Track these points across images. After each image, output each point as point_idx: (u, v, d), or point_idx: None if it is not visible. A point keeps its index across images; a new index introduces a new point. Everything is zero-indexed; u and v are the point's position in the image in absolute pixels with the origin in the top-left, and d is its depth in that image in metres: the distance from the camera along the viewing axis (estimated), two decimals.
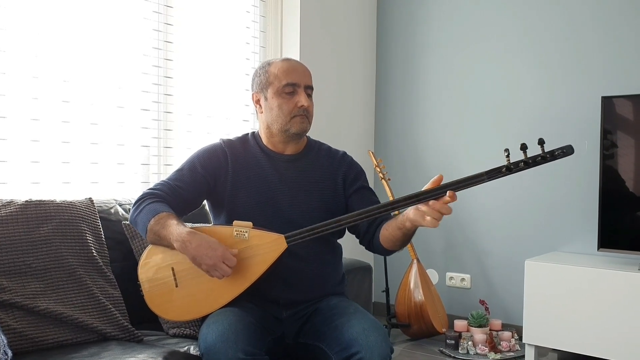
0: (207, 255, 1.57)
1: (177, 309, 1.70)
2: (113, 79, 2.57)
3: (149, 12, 2.71)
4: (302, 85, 1.79)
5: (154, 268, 1.71)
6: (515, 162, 1.56)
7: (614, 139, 2.84)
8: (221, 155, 1.83)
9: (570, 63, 3.21)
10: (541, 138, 1.54)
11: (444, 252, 3.65)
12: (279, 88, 1.78)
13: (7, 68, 2.23)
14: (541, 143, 1.53)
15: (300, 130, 1.80)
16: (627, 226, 2.82)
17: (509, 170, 1.56)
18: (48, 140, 2.36)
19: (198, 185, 1.79)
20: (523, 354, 2.97)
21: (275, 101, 1.79)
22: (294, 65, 1.82)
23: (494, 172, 1.56)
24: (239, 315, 1.61)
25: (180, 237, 1.60)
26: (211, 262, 1.57)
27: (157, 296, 1.71)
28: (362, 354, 1.54)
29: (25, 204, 1.87)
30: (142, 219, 1.68)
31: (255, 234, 1.66)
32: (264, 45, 3.34)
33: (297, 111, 1.78)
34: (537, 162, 1.55)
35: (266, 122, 1.84)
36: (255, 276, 1.65)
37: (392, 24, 3.87)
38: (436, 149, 3.68)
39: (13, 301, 1.70)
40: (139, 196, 1.75)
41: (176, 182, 1.78)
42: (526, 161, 1.56)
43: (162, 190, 1.75)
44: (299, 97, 1.78)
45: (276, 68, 1.81)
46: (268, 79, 1.81)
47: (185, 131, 2.90)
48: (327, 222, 1.64)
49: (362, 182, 1.91)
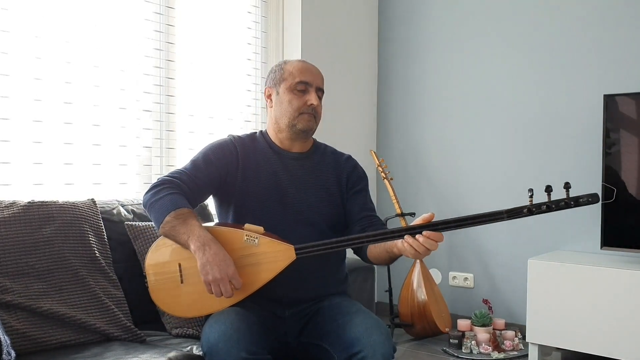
0: (220, 267, 1.57)
1: (179, 305, 1.70)
2: (115, 80, 2.58)
3: (150, 13, 2.71)
4: (314, 86, 1.85)
5: (161, 261, 1.72)
6: (538, 205, 1.53)
7: (616, 137, 2.84)
8: (232, 149, 1.86)
9: (572, 61, 3.21)
10: (567, 182, 1.52)
11: (447, 251, 3.65)
12: (292, 84, 1.83)
13: (9, 70, 2.23)
14: (567, 187, 1.51)
15: (306, 127, 1.84)
16: (630, 224, 2.82)
17: (530, 213, 1.54)
18: (50, 141, 2.36)
19: (212, 176, 1.81)
20: (527, 353, 2.96)
21: (286, 96, 1.84)
22: (309, 67, 1.88)
23: (514, 212, 1.54)
24: (241, 314, 1.61)
25: (201, 240, 1.60)
26: (219, 276, 1.57)
27: (161, 290, 1.71)
28: (365, 353, 1.54)
29: (28, 205, 1.87)
30: (160, 208, 1.66)
31: (265, 241, 1.65)
32: (266, 46, 3.34)
33: (305, 108, 1.83)
34: (560, 207, 1.53)
35: (275, 117, 1.88)
36: (261, 283, 1.65)
37: (393, 24, 3.87)
38: (438, 149, 3.68)
39: (16, 302, 1.70)
40: (157, 181, 1.75)
41: (194, 172, 1.79)
42: (549, 205, 1.53)
43: (182, 180, 1.75)
44: (309, 95, 1.83)
45: (292, 66, 1.87)
46: (282, 75, 1.86)
47: (187, 132, 2.90)
48: (339, 239, 1.66)
49: (362, 186, 1.95)
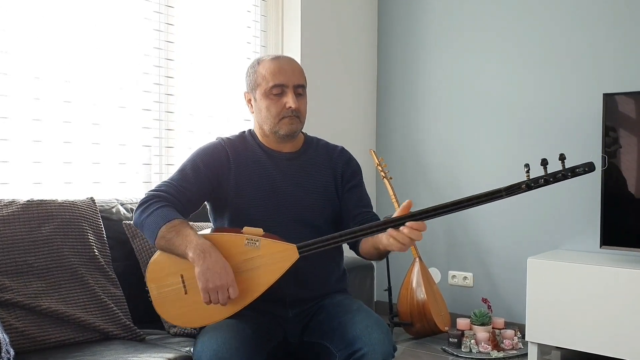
0: (220, 275, 1.53)
1: (185, 315, 1.66)
2: (114, 79, 2.58)
3: (149, 12, 2.71)
4: (290, 86, 1.75)
5: (163, 273, 1.66)
6: (535, 179, 1.52)
7: (616, 136, 2.84)
8: (222, 153, 1.80)
9: (571, 60, 3.21)
10: (562, 154, 1.50)
11: (446, 250, 3.65)
12: (266, 90, 1.75)
13: (9, 69, 2.23)
14: (562, 159, 1.50)
15: (289, 132, 1.78)
16: (629, 223, 2.82)
17: (528, 187, 1.53)
18: (50, 140, 2.36)
19: (202, 185, 1.75)
20: (526, 352, 2.96)
21: (263, 103, 1.77)
22: (282, 66, 1.77)
23: (513, 188, 1.53)
24: (235, 330, 1.58)
25: (200, 247, 1.56)
26: (219, 283, 1.53)
27: (166, 302, 1.66)
28: (365, 351, 1.53)
29: (27, 204, 1.87)
30: (151, 224, 1.63)
31: (266, 243, 1.62)
32: (265, 45, 3.34)
33: (285, 112, 1.75)
34: (557, 179, 1.51)
35: (258, 122, 1.83)
36: (265, 286, 1.62)
37: (393, 23, 3.87)
38: (438, 148, 3.68)
39: (15, 300, 1.70)
40: (144, 198, 1.70)
41: (181, 183, 1.73)
42: (546, 178, 1.52)
43: (168, 192, 1.70)
44: (286, 98, 1.74)
45: (264, 68, 1.77)
46: (256, 80, 1.78)
47: (186, 131, 2.90)
48: (340, 233, 1.62)
49: (357, 181, 1.90)
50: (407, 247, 1.55)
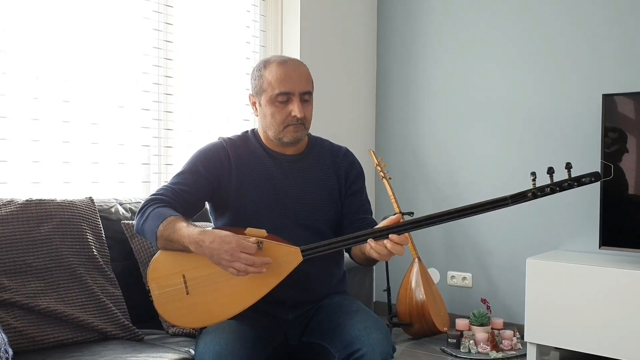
0: (223, 249, 1.50)
1: (187, 316, 1.65)
2: (113, 79, 2.57)
3: (149, 11, 2.71)
4: (296, 93, 1.72)
5: (164, 274, 1.65)
6: (541, 187, 1.53)
7: (615, 137, 2.84)
8: (223, 154, 1.78)
9: (571, 60, 3.21)
10: (569, 163, 1.51)
11: (445, 250, 3.65)
12: (272, 96, 1.71)
13: (7, 68, 2.23)
14: (568, 168, 1.50)
15: (293, 140, 1.75)
16: (628, 224, 2.82)
17: (534, 196, 1.53)
18: (49, 140, 2.36)
19: (201, 187, 1.74)
20: (525, 353, 2.96)
21: (268, 109, 1.74)
22: (289, 72, 1.72)
23: (519, 196, 1.53)
24: (236, 332, 1.57)
25: (193, 239, 1.54)
26: (228, 256, 1.50)
27: (167, 302, 1.65)
28: (364, 352, 1.53)
29: (25, 203, 1.87)
30: (150, 226, 1.62)
31: (270, 245, 1.60)
32: (264, 45, 3.34)
33: (290, 120, 1.72)
34: (563, 188, 1.52)
35: (262, 126, 1.81)
36: (269, 288, 1.61)
37: (392, 23, 3.87)
38: (437, 148, 3.68)
39: (13, 300, 1.70)
40: (142, 204, 1.69)
41: (179, 186, 1.72)
42: (552, 187, 1.53)
43: (166, 195, 1.70)
44: (292, 106, 1.71)
45: (270, 74, 1.72)
46: (262, 85, 1.74)
47: (185, 130, 2.90)
48: (343, 237, 1.63)
49: (359, 186, 1.89)
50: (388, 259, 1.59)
